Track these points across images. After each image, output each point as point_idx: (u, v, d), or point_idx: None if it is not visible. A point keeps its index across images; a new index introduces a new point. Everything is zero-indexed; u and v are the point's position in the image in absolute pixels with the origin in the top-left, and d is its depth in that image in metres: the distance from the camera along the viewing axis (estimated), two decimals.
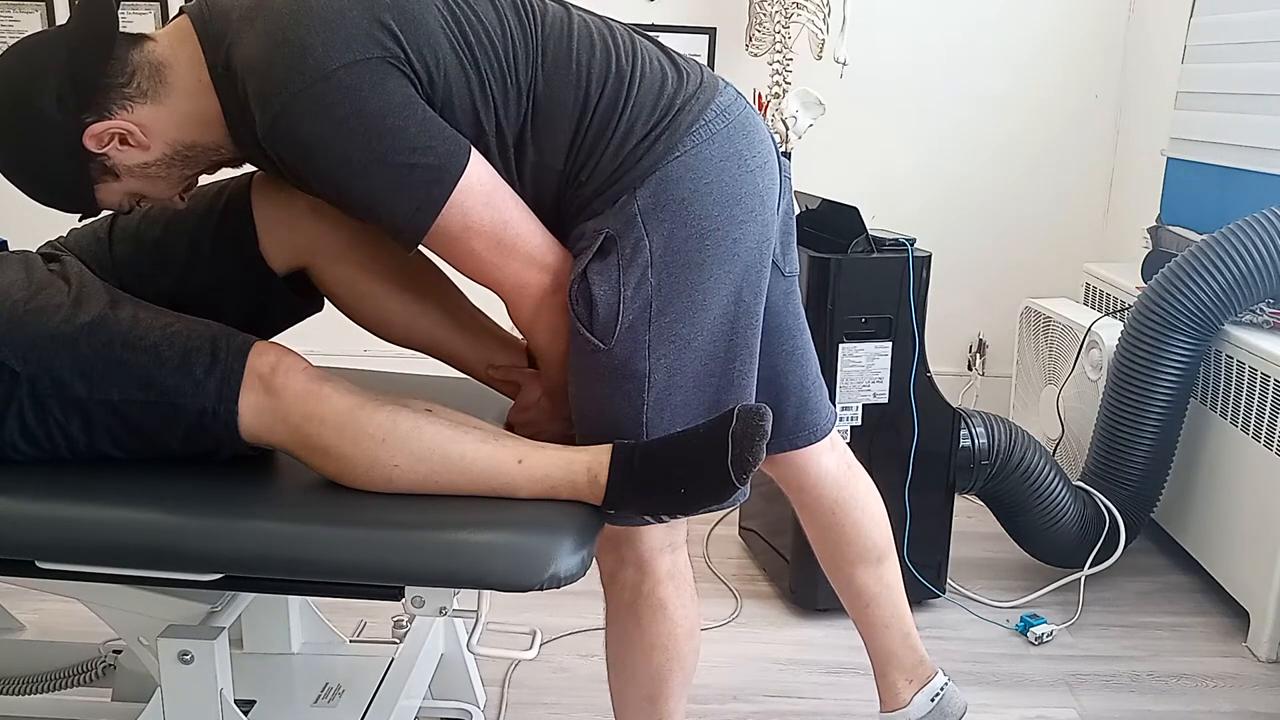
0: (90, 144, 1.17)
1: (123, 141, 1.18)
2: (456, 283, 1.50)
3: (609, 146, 1.21)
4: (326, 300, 1.44)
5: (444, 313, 1.45)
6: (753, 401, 1.33)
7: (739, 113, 1.27)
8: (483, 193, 1.17)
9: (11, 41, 1.22)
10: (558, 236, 1.27)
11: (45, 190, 1.23)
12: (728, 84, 1.30)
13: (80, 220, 1.33)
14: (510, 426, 1.41)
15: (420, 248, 1.22)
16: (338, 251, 1.38)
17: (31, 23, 3.18)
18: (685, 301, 1.23)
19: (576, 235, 1.25)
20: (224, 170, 1.31)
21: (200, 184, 1.35)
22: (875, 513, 1.60)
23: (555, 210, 1.26)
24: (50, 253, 1.33)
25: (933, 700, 1.65)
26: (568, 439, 1.29)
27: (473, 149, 1.17)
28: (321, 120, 1.10)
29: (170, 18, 3.48)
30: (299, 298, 1.39)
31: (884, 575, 1.62)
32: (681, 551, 1.38)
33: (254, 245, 1.34)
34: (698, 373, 1.26)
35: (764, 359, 1.37)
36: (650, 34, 1.32)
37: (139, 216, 1.36)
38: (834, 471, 1.56)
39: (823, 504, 1.58)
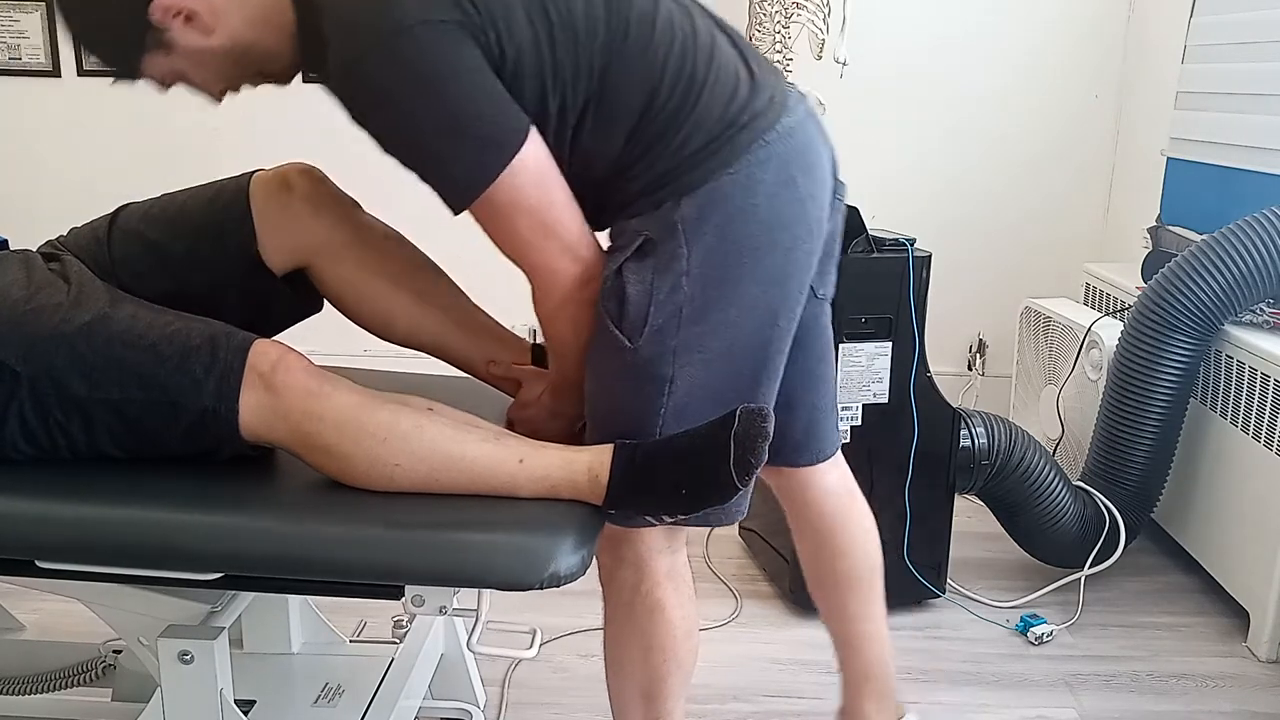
0: (156, 14, 1.17)
1: (188, 20, 1.18)
2: (457, 281, 1.50)
3: (666, 149, 1.20)
4: (326, 301, 1.44)
5: (445, 311, 1.45)
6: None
7: (802, 135, 1.24)
8: (536, 172, 1.16)
9: (11, 42, 1.22)
10: (594, 222, 1.27)
11: (94, 41, 1.23)
12: (802, 99, 1.27)
13: (116, 79, 1.29)
14: (510, 424, 1.41)
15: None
16: (337, 251, 1.38)
17: (31, 23, 3.17)
18: (717, 315, 1.22)
19: (617, 231, 1.25)
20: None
21: (204, 186, 1.34)
22: (868, 536, 1.60)
23: (597, 196, 1.24)
24: (50, 252, 1.33)
25: None
26: (567, 438, 1.29)
27: (532, 128, 1.16)
28: (393, 74, 1.10)
29: None
30: (298, 298, 1.39)
31: (869, 597, 1.61)
32: (681, 553, 1.37)
33: (253, 246, 1.34)
34: (719, 387, 1.25)
35: (782, 376, 1.36)
36: (733, 32, 1.28)
37: (139, 216, 1.36)
38: (834, 490, 1.56)
39: (819, 520, 1.57)
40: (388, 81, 1.11)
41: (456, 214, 1.19)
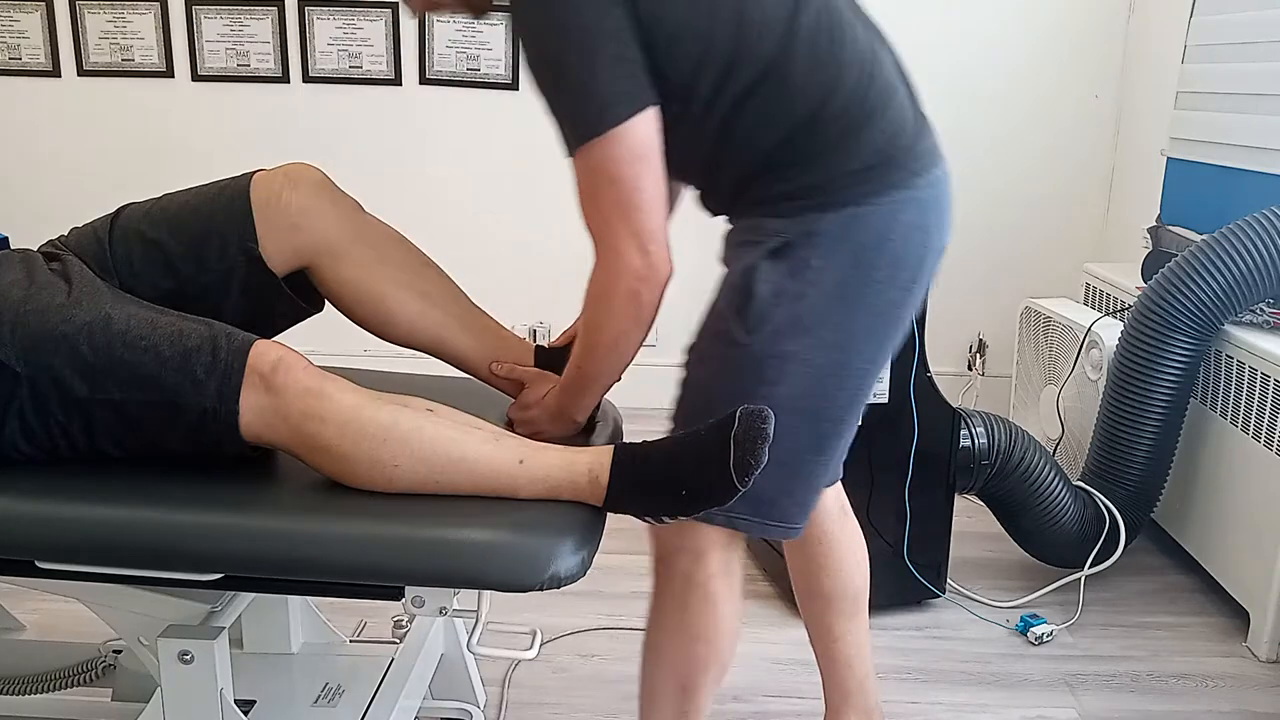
0: None
1: None
2: (458, 283, 1.50)
3: (823, 161, 1.22)
4: (327, 301, 1.44)
5: (446, 311, 1.45)
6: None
7: (943, 190, 1.30)
8: (637, 150, 1.18)
9: (11, 42, 1.22)
10: (722, 208, 1.31)
11: None
12: (944, 159, 1.33)
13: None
14: (510, 425, 1.41)
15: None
16: (338, 251, 1.38)
17: (31, 23, 3.17)
18: (830, 333, 1.25)
19: (751, 226, 1.27)
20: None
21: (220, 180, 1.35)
22: (858, 557, 1.61)
23: (738, 184, 1.27)
24: (51, 252, 1.33)
25: None
26: (567, 441, 1.29)
27: (652, 109, 1.18)
28: (540, 14, 1.16)
29: (170, 18, 3.48)
30: (299, 299, 1.39)
31: (854, 616, 1.62)
32: (738, 549, 1.37)
33: (255, 245, 1.34)
34: (814, 405, 1.27)
35: None
36: (910, 80, 1.33)
37: (140, 216, 1.36)
38: (829, 509, 1.56)
39: (811, 538, 1.57)
40: (535, 18, 1.17)
41: (567, 156, 1.21)
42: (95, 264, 1.31)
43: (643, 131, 1.18)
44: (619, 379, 1.34)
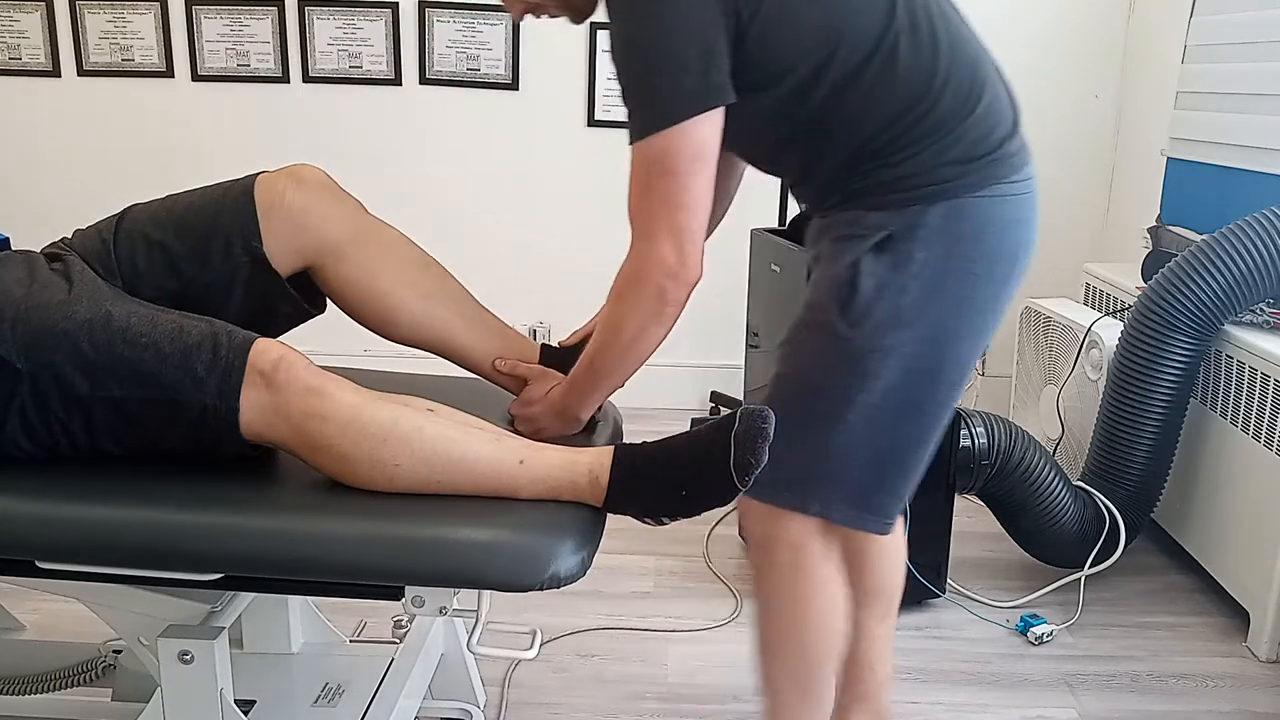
0: None
1: None
2: (461, 280, 1.51)
3: (928, 148, 1.22)
4: (329, 301, 1.44)
5: (450, 310, 1.45)
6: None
7: (1035, 188, 1.30)
8: (698, 148, 1.18)
9: (11, 42, 1.22)
10: (813, 200, 1.32)
11: None
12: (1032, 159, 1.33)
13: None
14: (511, 421, 1.41)
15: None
16: (341, 250, 1.38)
17: (31, 23, 3.17)
18: (930, 329, 1.25)
19: (851, 219, 1.26)
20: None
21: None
22: (898, 557, 1.60)
23: (833, 173, 1.27)
24: (54, 253, 1.33)
25: None
26: (567, 442, 1.29)
27: (718, 111, 1.19)
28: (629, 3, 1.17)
29: (170, 18, 3.47)
30: (302, 299, 1.39)
31: (885, 617, 1.61)
32: (836, 533, 1.37)
33: (259, 246, 1.34)
34: (914, 399, 1.28)
35: None
36: (1001, 71, 1.33)
37: (145, 218, 1.36)
38: None
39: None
40: (624, 5, 1.18)
41: (630, 143, 1.21)
42: (99, 265, 1.31)
43: (708, 131, 1.19)
44: (625, 382, 1.34)
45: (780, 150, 1.30)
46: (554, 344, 1.53)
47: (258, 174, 1.37)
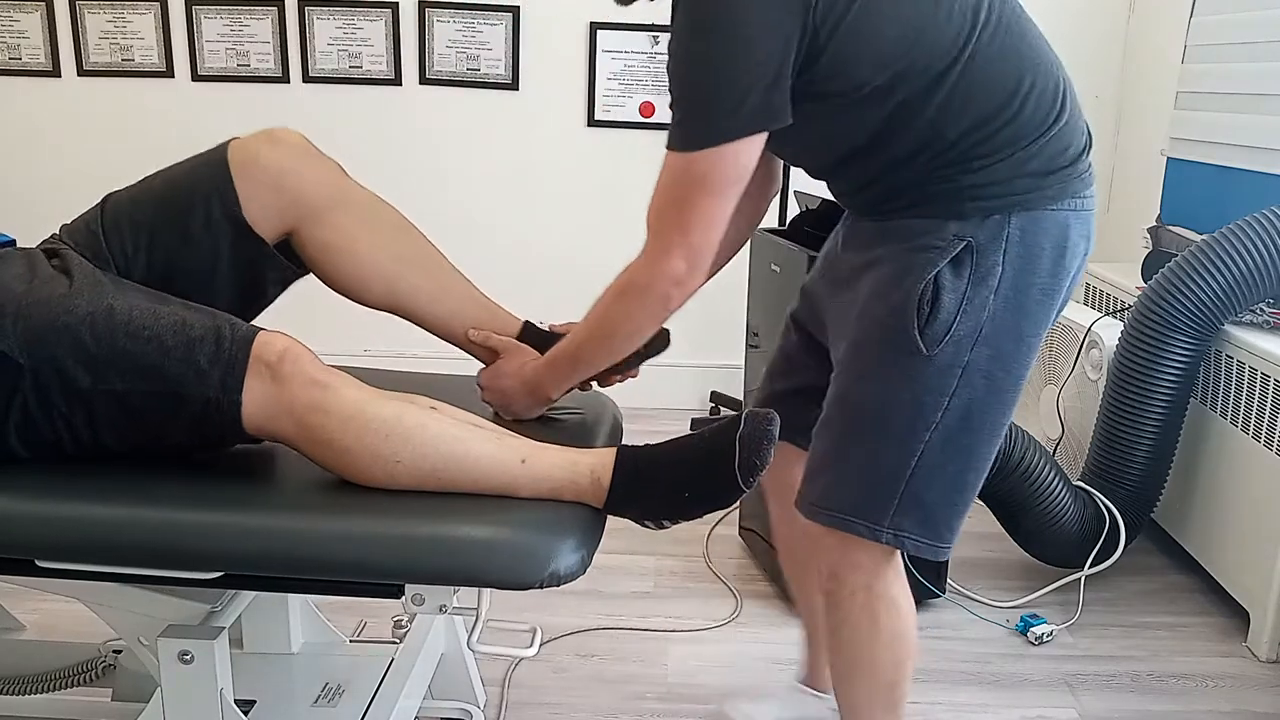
0: None
1: None
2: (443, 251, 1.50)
3: (1010, 157, 1.20)
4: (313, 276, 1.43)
5: (427, 276, 1.45)
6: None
7: (1096, 206, 1.29)
8: (738, 170, 1.18)
9: (11, 42, 1.23)
10: (871, 209, 1.30)
11: None
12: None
13: None
14: (479, 387, 1.43)
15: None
16: (319, 213, 1.37)
17: (31, 23, 3.17)
18: (1008, 343, 1.24)
19: (928, 228, 1.23)
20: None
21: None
22: None
23: (902, 176, 1.24)
24: (50, 249, 1.33)
25: None
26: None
27: (763, 135, 1.17)
28: (700, 9, 1.15)
29: (170, 18, 3.48)
30: (287, 261, 1.39)
31: None
32: (900, 554, 1.36)
33: (238, 211, 1.33)
34: (987, 417, 1.26)
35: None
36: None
37: (126, 201, 1.36)
38: None
39: None
40: (702, 9, 1.15)
41: (671, 149, 1.19)
42: (91, 255, 1.31)
43: (749, 154, 1.18)
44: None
45: (848, 154, 1.26)
46: (544, 326, 1.52)
47: (230, 140, 1.37)
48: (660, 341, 1.40)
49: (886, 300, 1.24)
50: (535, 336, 1.48)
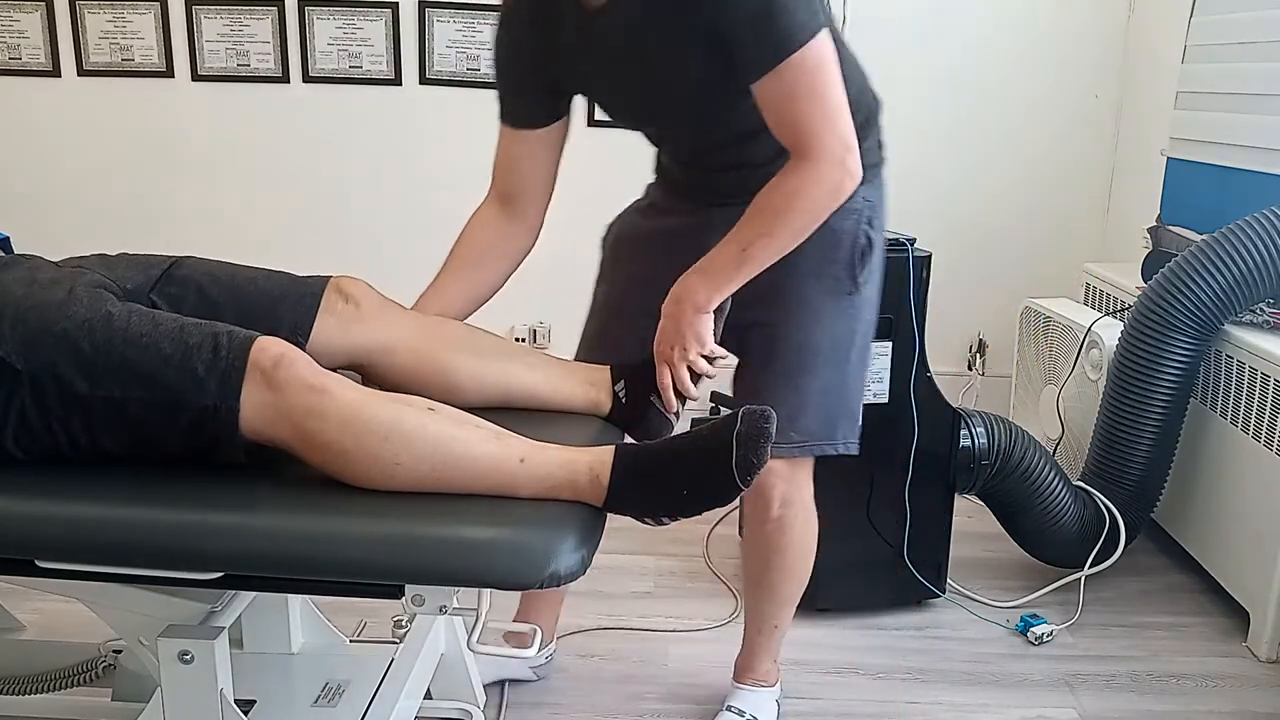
0: None
1: None
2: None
3: (869, 135, 1.51)
4: None
5: (507, 359, 1.46)
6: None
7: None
8: (833, 56, 1.33)
9: (11, 42, 1.22)
10: (774, 164, 1.46)
11: None
12: None
13: None
14: (652, 358, 1.45)
15: None
16: (395, 347, 1.39)
17: (31, 23, 3.17)
18: (878, 272, 1.58)
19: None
20: None
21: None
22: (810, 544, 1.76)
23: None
24: (75, 262, 1.33)
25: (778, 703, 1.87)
26: (569, 440, 1.30)
27: None
28: None
29: (170, 18, 3.48)
30: None
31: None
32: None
33: (305, 339, 1.34)
34: (867, 338, 1.60)
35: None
36: None
37: (204, 272, 1.36)
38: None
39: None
40: None
41: (777, 63, 1.30)
42: (124, 289, 1.30)
43: (831, 43, 1.34)
44: None
45: (757, 135, 1.40)
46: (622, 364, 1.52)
47: (329, 278, 1.39)
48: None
49: (829, 258, 1.50)
50: (623, 375, 1.49)
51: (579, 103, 1.58)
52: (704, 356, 1.42)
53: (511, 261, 1.60)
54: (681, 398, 1.45)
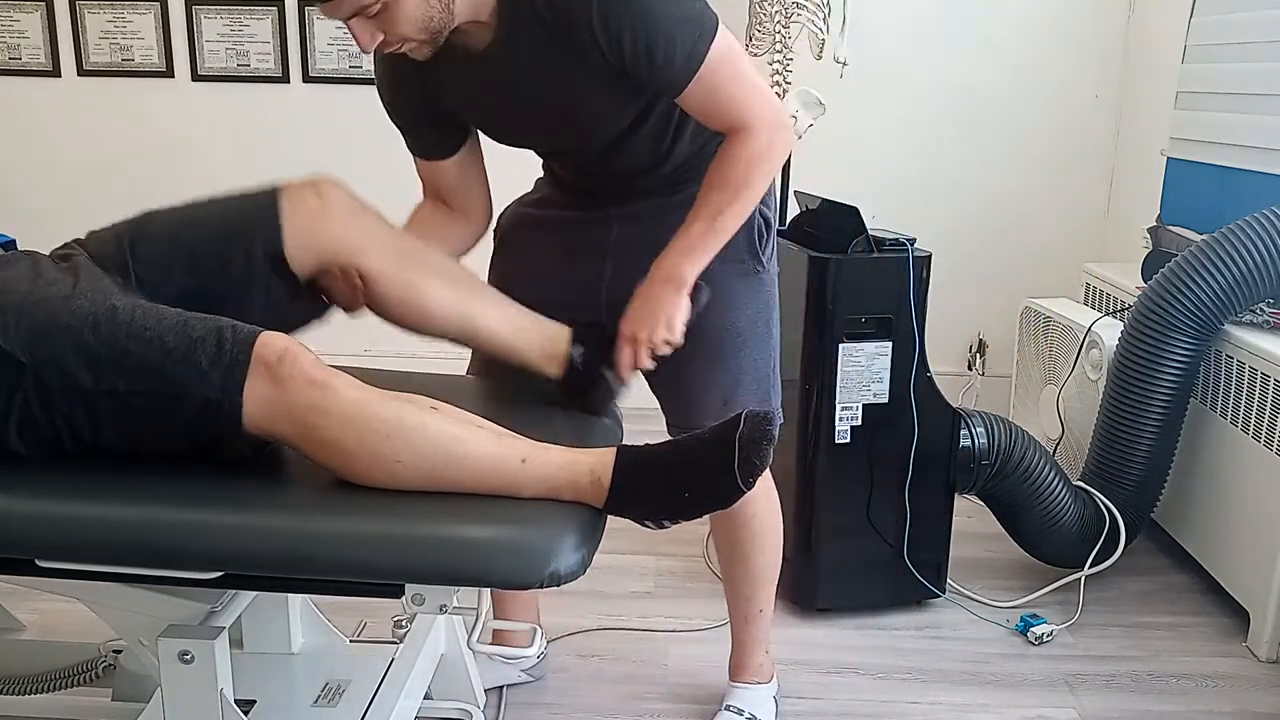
0: None
1: None
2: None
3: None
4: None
5: (485, 302, 1.46)
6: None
7: None
8: (729, 35, 1.39)
9: (12, 42, 1.23)
10: (663, 170, 1.56)
11: None
12: None
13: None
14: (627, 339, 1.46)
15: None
16: (366, 250, 1.38)
17: (31, 23, 3.18)
18: (774, 266, 1.64)
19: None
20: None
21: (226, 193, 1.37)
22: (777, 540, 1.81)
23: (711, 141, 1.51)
24: (65, 253, 1.33)
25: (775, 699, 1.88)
26: (570, 441, 1.30)
27: None
28: None
29: (170, 18, 3.47)
30: (314, 301, 1.39)
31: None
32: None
33: (280, 247, 1.34)
34: (777, 305, 1.66)
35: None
36: None
37: (165, 220, 1.36)
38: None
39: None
40: None
41: (691, 76, 1.36)
42: (113, 265, 1.31)
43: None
44: None
45: (676, 133, 1.50)
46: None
47: (281, 183, 1.38)
48: None
49: (732, 242, 1.47)
50: (590, 333, 1.50)
51: None
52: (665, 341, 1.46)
53: (462, 245, 1.64)
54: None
